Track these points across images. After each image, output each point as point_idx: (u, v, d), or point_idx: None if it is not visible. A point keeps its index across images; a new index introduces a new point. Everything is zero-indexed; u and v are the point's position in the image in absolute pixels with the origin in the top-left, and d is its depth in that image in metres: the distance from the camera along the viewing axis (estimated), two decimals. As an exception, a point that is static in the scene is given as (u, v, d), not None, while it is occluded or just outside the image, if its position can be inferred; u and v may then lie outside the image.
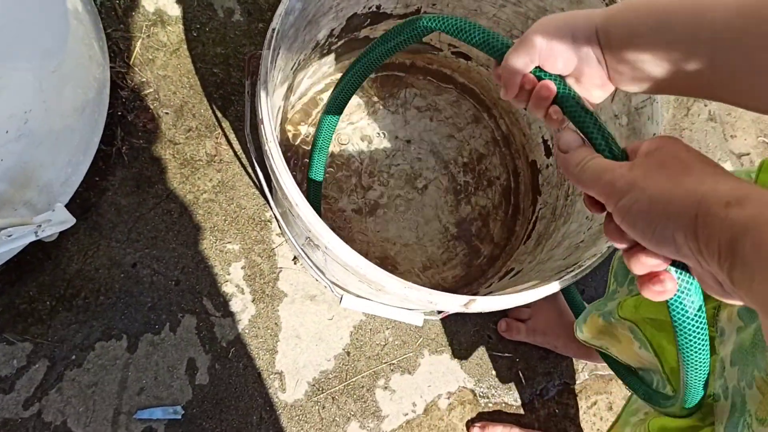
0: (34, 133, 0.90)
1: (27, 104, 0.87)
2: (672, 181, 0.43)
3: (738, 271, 0.38)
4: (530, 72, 0.56)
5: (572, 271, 0.90)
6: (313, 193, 1.10)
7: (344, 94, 0.96)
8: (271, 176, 0.88)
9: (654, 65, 0.51)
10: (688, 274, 0.47)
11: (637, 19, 0.51)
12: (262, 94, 0.87)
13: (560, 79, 0.57)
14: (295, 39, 1.03)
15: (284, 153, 1.27)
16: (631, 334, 0.86)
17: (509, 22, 1.17)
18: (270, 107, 0.88)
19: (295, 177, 1.27)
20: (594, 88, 0.57)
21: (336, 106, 0.99)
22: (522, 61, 0.56)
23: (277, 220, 1.09)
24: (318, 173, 1.08)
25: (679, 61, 0.50)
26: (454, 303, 0.86)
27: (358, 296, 1.15)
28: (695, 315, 0.49)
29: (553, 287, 0.88)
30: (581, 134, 0.54)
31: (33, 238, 0.92)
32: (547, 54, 0.54)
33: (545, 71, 0.56)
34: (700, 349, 0.52)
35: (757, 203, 0.38)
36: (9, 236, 0.87)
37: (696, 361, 0.53)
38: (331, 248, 0.84)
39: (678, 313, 0.49)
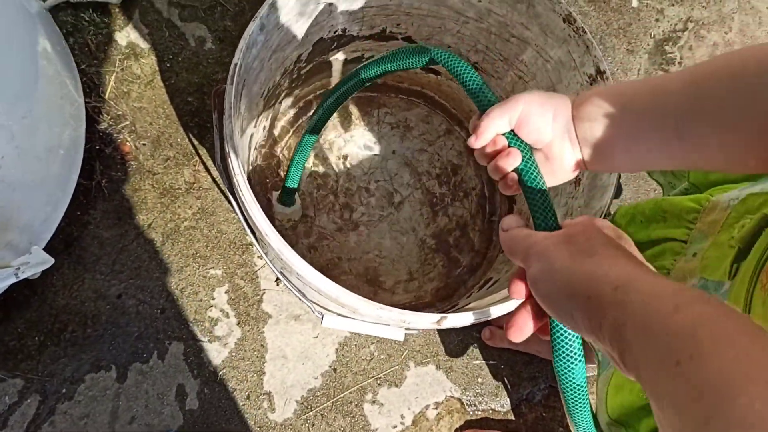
0: (8, 179, 0.93)
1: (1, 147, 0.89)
2: (574, 259, 0.45)
3: (626, 356, 0.39)
4: (505, 134, 0.59)
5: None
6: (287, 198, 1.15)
7: (334, 106, 0.96)
8: (242, 207, 0.90)
9: (624, 141, 0.55)
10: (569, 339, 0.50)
11: (605, 100, 0.56)
12: (228, 129, 0.89)
13: (529, 150, 0.59)
14: (261, 69, 1.05)
15: (262, 177, 1.30)
16: None
17: (473, 38, 1.19)
18: (236, 141, 0.90)
19: (262, 199, 1.29)
20: (559, 169, 0.61)
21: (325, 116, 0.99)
22: (502, 119, 0.58)
23: (256, 245, 1.11)
24: (293, 182, 1.10)
25: (648, 133, 0.53)
26: (426, 321, 0.88)
27: (339, 315, 1.17)
28: (575, 384, 0.52)
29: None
30: (528, 207, 0.57)
31: (14, 280, 0.94)
32: (525, 120, 0.58)
33: (519, 138, 0.59)
34: (582, 411, 0.54)
35: (642, 289, 0.39)
36: (-11, 280, 0.89)
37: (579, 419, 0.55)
38: (303, 275, 0.86)
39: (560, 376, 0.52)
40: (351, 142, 1.35)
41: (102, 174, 1.27)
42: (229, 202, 1.30)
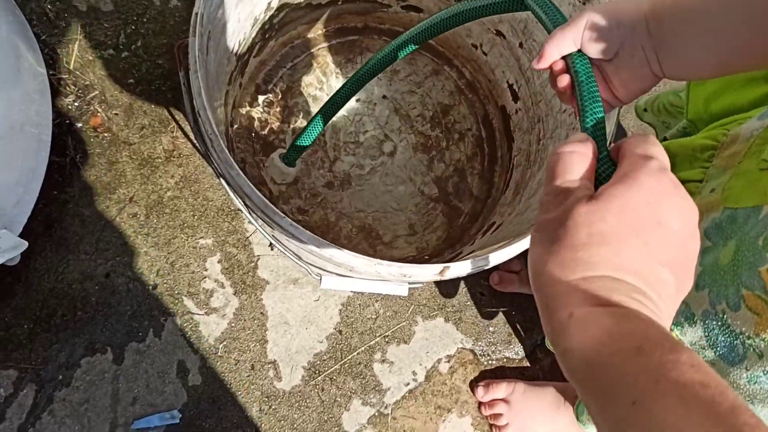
0: (-34, 161, 0.86)
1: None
2: (552, 265, 0.40)
3: (574, 378, 0.38)
4: (571, 54, 0.56)
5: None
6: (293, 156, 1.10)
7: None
8: (220, 169, 0.84)
9: (706, 36, 0.50)
10: None
11: None
12: (195, 86, 0.82)
13: (585, 66, 0.55)
14: (228, 19, 0.98)
15: (245, 139, 1.23)
16: None
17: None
18: (206, 98, 0.83)
19: (248, 159, 1.22)
20: (631, 78, 0.56)
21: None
22: (565, 40, 0.55)
23: (244, 211, 1.05)
24: (309, 138, 1.05)
25: (735, 21, 0.48)
26: (429, 273, 0.83)
27: (337, 275, 1.11)
28: None
29: (526, 242, 0.84)
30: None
31: (-14, 269, 0.88)
32: (589, 35, 0.54)
33: (581, 56, 0.55)
34: None
35: (582, 327, 0.37)
36: (-41, 271, 0.83)
37: None
38: (293, 234, 0.80)
39: None
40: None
41: (75, 149, 1.20)
42: (213, 167, 1.23)
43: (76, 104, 1.22)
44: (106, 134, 1.22)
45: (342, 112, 1.25)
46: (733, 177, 0.64)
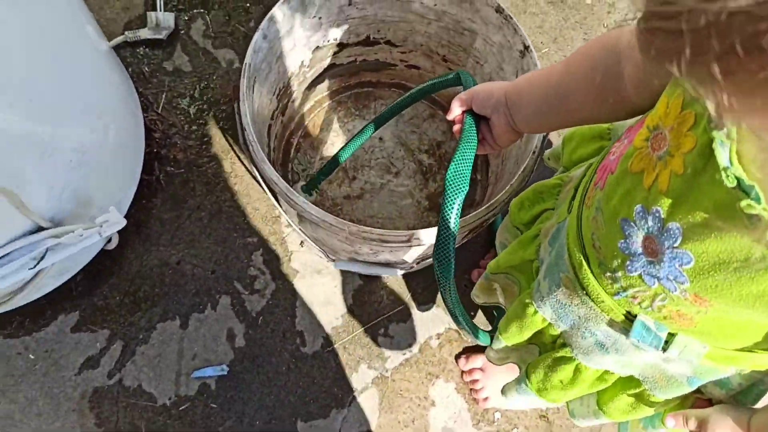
0: (89, 164, 1.27)
1: (84, 143, 1.24)
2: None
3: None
4: (467, 110, 0.93)
5: (485, 204, 1.21)
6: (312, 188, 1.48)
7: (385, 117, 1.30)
8: (259, 172, 1.22)
9: (534, 114, 0.86)
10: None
11: (520, 88, 0.88)
12: (243, 109, 1.22)
13: (471, 126, 0.90)
14: (270, 71, 1.39)
15: (278, 162, 1.62)
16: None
17: (437, 35, 1.50)
18: (249, 118, 1.22)
19: (293, 172, 1.61)
20: (502, 132, 0.91)
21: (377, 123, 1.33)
22: (461, 101, 0.92)
23: (280, 210, 1.43)
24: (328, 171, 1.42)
25: (545, 107, 0.84)
26: (400, 237, 1.18)
27: (348, 260, 1.47)
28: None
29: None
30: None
31: (98, 237, 1.28)
32: (476, 100, 0.91)
33: (471, 115, 0.92)
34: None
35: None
36: (81, 236, 1.23)
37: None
38: (310, 210, 1.17)
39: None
40: (354, 130, 1.67)
41: (160, 170, 1.62)
42: (260, 184, 1.64)
43: (162, 138, 1.65)
44: (182, 160, 1.64)
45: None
46: (562, 204, 0.95)
